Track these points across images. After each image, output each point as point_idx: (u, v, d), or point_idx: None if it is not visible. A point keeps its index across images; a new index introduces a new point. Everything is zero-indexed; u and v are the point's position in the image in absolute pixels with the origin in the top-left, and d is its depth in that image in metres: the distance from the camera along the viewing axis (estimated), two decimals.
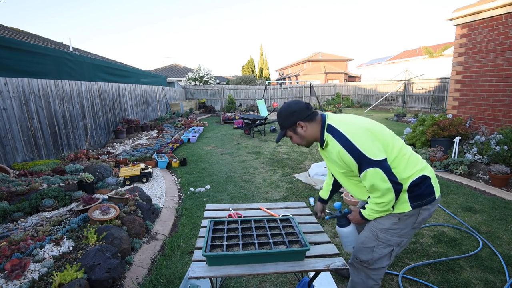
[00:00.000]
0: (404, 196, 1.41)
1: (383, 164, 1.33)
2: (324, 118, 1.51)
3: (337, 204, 1.63)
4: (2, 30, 8.74)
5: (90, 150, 5.74)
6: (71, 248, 2.15)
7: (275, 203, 2.13)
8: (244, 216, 1.85)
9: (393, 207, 1.43)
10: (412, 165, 1.43)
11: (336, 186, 1.84)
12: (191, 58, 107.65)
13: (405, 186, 1.40)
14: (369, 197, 1.46)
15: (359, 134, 1.38)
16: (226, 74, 38.49)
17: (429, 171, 1.46)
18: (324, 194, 1.87)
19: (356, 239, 1.59)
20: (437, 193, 1.46)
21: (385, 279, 2.07)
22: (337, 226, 1.63)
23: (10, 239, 2.12)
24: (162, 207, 3.34)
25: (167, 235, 2.76)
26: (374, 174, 1.33)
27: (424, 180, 1.41)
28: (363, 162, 1.34)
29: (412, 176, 1.41)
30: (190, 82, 19.44)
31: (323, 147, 1.51)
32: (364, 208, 1.51)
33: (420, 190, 1.41)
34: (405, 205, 1.41)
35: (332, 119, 1.49)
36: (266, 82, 18.65)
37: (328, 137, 1.45)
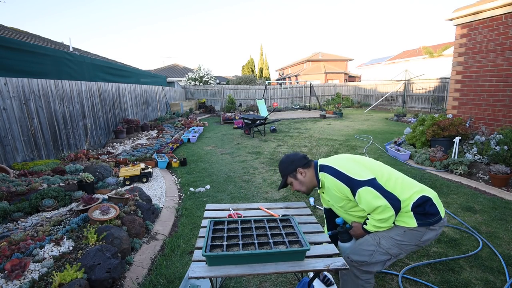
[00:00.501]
0: (410, 214, 1.47)
1: (372, 183, 1.44)
2: (316, 162, 1.70)
3: (339, 219, 1.68)
4: (2, 30, 8.74)
5: (90, 150, 5.74)
6: (71, 248, 2.15)
7: (275, 203, 2.13)
8: (244, 216, 1.85)
9: (394, 223, 1.49)
10: (408, 187, 1.50)
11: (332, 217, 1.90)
12: (191, 58, 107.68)
13: (408, 207, 1.45)
14: (368, 215, 1.54)
15: (344, 162, 1.58)
16: (226, 74, 38.49)
17: (429, 192, 1.51)
18: (327, 229, 1.95)
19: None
20: (442, 213, 1.50)
21: (385, 279, 2.07)
22: (339, 242, 1.67)
23: (10, 239, 2.12)
24: (162, 207, 3.34)
25: (167, 235, 2.76)
26: (366, 193, 1.43)
27: (426, 201, 1.47)
28: (353, 184, 1.47)
29: (411, 197, 1.46)
30: (190, 82, 19.44)
31: (320, 186, 1.67)
32: (365, 224, 1.57)
33: (424, 210, 1.46)
34: (411, 221, 1.46)
35: (322, 160, 1.69)
36: (266, 82, 18.65)
37: (322, 175, 1.62)
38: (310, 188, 1.72)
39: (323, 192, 1.73)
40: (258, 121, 8.25)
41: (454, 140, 4.84)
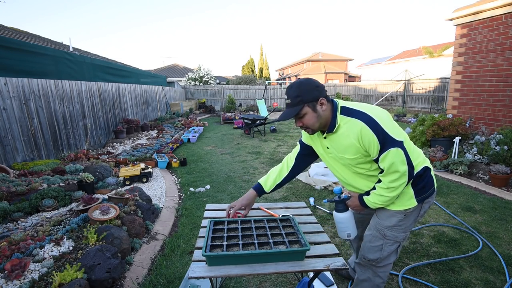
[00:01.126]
0: (410, 191, 1.42)
1: (403, 146, 1.30)
2: (335, 102, 1.41)
3: (336, 189, 1.58)
4: (2, 30, 8.74)
5: (90, 150, 5.74)
6: (71, 248, 2.15)
7: (275, 203, 2.13)
8: (244, 216, 1.85)
9: (398, 204, 1.43)
10: (416, 155, 1.43)
11: (287, 180, 1.73)
12: (191, 58, 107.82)
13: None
14: (378, 182, 1.40)
15: (381, 114, 1.33)
16: (226, 74, 38.49)
17: (428, 163, 1.49)
18: (269, 183, 1.71)
19: (352, 227, 1.54)
20: (435, 184, 1.51)
21: None
22: (334, 211, 1.59)
23: (10, 239, 2.12)
24: (162, 207, 3.34)
25: (167, 235, 2.76)
26: (397, 154, 1.28)
27: (426, 171, 1.44)
28: (387, 141, 1.28)
29: (417, 166, 1.40)
30: (190, 82, 19.45)
31: (334, 131, 1.39)
32: (368, 194, 1.45)
33: (423, 182, 1.43)
34: (411, 201, 1.43)
35: (346, 103, 1.41)
36: (266, 82, 18.66)
37: (342, 119, 1.36)
38: (321, 127, 1.42)
39: (325, 138, 1.47)
40: (258, 121, 8.25)
41: (454, 140, 4.84)
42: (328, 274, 2.05)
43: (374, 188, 1.42)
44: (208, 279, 1.59)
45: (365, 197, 1.45)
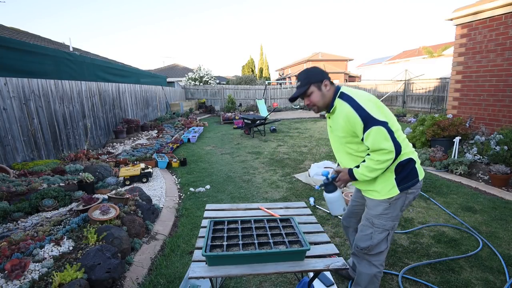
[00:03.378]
0: (392, 180, 1.56)
1: (386, 125, 1.45)
2: (338, 87, 1.64)
3: (325, 171, 1.74)
4: (2, 30, 8.74)
5: (90, 150, 5.74)
6: (71, 248, 2.15)
7: (275, 203, 2.13)
8: (244, 216, 1.85)
9: (382, 193, 1.57)
10: (405, 145, 1.58)
11: None
12: (191, 58, 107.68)
13: (395, 163, 1.53)
14: (367, 155, 1.53)
15: (366, 100, 1.53)
16: (226, 74, 38.46)
17: (416, 156, 1.62)
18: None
19: (343, 203, 1.74)
20: (421, 176, 1.61)
21: (385, 279, 2.07)
22: (324, 193, 1.74)
23: (10, 239, 2.12)
24: (162, 207, 3.34)
25: (167, 235, 2.76)
26: (378, 132, 1.44)
27: (409, 163, 1.56)
28: (369, 121, 1.45)
29: (403, 155, 1.54)
30: (190, 82, 19.44)
31: (331, 111, 1.64)
32: (358, 167, 1.58)
33: (406, 172, 1.56)
34: (394, 190, 1.56)
35: (345, 89, 1.63)
36: (266, 82, 18.65)
37: (338, 102, 1.58)
38: (325, 106, 1.65)
39: (329, 118, 1.72)
40: (258, 121, 8.25)
41: (454, 140, 4.83)
42: (328, 274, 2.05)
43: (364, 161, 1.55)
44: (208, 279, 1.59)
45: (354, 169, 1.58)
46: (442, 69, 13.65)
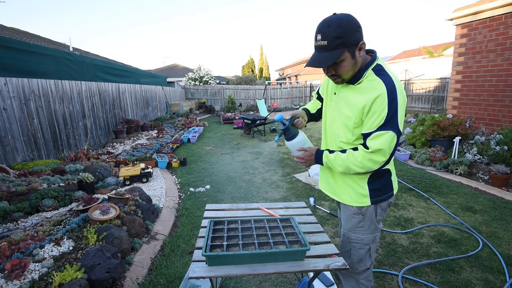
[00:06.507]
0: (365, 190, 1.34)
1: (399, 136, 1.20)
2: (376, 54, 1.26)
3: (278, 116, 1.46)
4: (2, 30, 8.74)
5: (90, 150, 5.74)
6: (71, 248, 2.15)
7: (275, 203, 2.13)
8: (244, 216, 1.85)
9: (353, 198, 1.37)
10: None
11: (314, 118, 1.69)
12: (191, 58, 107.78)
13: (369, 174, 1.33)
14: (354, 149, 1.27)
15: (403, 96, 1.19)
16: (226, 74, 38.48)
17: (393, 169, 1.40)
18: (308, 107, 1.69)
19: (311, 145, 1.47)
20: (395, 190, 1.42)
21: (385, 279, 2.07)
22: (286, 141, 1.48)
23: (10, 239, 2.12)
24: (162, 207, 3.34)
25: (167, 235, 2.76)
26: (390, 139, 1.16)
27: (386, 173, 1.36)
28: (391, 122, 1.14)
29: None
30: (190, 82, 19.45)
31: (355, 83, 1.24)
32: (331, 152, 1.33)
33: (379, 184, 1.35)
34: (365, 200, 1.36)
35: (382, 61, 1.25)
36: (266, 82, 18.65)
37: (371, 74, 1.21)
38: (351, 77, 1.24)
39: (345, 92, 1.31)
40: (258, 121, 8.26)
41: (454, 140, 4.83)
42: (328, 274, 2.05)
43: (344, 152, 1.29)
44: (208, 279, 1.59)
45: (326, 152, 1.35)
46: (442, 69, 13.64)
